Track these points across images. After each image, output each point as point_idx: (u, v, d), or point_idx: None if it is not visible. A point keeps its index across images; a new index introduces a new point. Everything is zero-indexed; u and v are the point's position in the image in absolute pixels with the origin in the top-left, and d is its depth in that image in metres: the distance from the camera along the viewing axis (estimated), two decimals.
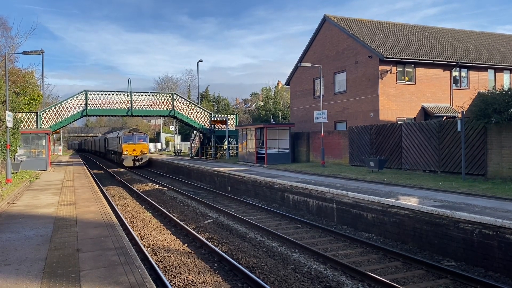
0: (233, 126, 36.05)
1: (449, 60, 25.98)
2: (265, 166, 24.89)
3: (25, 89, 37.01)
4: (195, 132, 42.23)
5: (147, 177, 29.39)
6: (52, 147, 55.81)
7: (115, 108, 33.19)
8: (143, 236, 11.53)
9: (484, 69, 27.40)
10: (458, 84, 26.91)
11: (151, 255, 9.36)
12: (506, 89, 15.00)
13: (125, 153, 38.34)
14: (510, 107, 14.03)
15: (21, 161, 25.57)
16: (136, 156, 38.84)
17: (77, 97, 32.28)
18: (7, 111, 19.15)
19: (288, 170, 21.53)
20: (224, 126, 35.68)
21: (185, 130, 60.74)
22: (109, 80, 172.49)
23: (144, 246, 10.22)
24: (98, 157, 64.82)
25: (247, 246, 10.19)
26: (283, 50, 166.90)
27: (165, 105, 34.53)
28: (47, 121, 31.14)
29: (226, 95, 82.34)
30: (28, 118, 30.55)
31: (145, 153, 39.59)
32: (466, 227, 8.62)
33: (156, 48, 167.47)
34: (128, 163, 38.51)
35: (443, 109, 25.75)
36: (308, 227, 12.29)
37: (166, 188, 22.53)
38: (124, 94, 33.59)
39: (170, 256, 9.39)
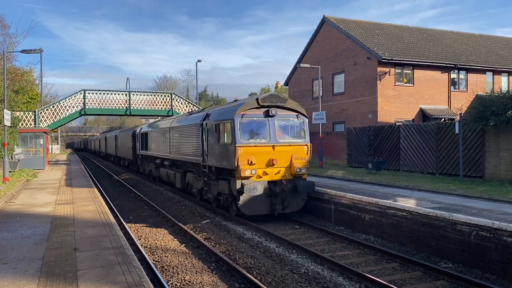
0: None
1: (447, 62, 26.05)
2: None
3: (23, 87, 36.93)
4: None
5: (144, 177, 29.33)
6: (50, 146, 55.78)
7: (114, 107, 33.16)
8: (140, 236, 11.51)
9: (483, 71, 27.49)
10: (457, 86, 26.99)
11: (148, 255, 9.34)
12: (504, 92, 15.07)
13: (248, 173, 11.99)
14: (508, 110, 14.08)
15: (19, 160, 25.53)
16: (281, 181, 12.50)
17: (75, 96, 32.23)
18: (5, 110, 19.12)
19: None
20: None
21: None
22: (109, 79, 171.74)
23: (141, 246, 10.21)
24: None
25: (244, 246, 10.19)
26: (284, 51, 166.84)
27: (163, 105, 34.52)
28: (45, 120, 31.07)
29: (227, 95, 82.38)
30: (26, 117, 30.49)
31: (303, 170, 12.79)
32: (463, 229, 8.65)
33: (155, 47, 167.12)
34: (254, 205, 12.27)
35: (441, 111, 25.81)
36: (306, 227, 12.29)
37: (163, 188, 22.51)
38: (122, 94, 33.56)
39: (167, 256, 9.38)
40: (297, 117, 13.04)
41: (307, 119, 13.29)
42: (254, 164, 12.02)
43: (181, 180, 17.83)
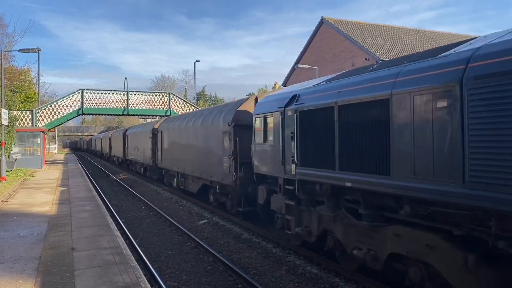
0: None
1: None
2: None
3: (21, 87, 36.86)
4: None
5: (142, 177, 29.31)
6: (47, 146, 55.64)
7: (112, 107, 33.14)
8: (137, 236, 11.50)
9: None
10: None
11: (145, 255, 9.34)
12: None
13: None
14: None
15: (16, 159, 25.47)
16: None
17: (73, 95, 32.20)
18: (2, 109, 19.08)
19: None
20: None
21: None
22: (108, 78, 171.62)
23: (139, 245, 10.19)
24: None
25: (242, 246, 10.20)
26: (284, 51, 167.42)
27: (161, 105, 34.53)
28: (43, 119, 31.01)
29: (226, 95, 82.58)
30: (24, 116, 30.42)
31: None
32: None
33: (153, 47, 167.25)
34: None
35: None
36: None
37: (161, 188, 22.51)
38: (120, 93, 33.54)
39: (165, 256, 9.38)
40: None
41: None
42: None
43: None
